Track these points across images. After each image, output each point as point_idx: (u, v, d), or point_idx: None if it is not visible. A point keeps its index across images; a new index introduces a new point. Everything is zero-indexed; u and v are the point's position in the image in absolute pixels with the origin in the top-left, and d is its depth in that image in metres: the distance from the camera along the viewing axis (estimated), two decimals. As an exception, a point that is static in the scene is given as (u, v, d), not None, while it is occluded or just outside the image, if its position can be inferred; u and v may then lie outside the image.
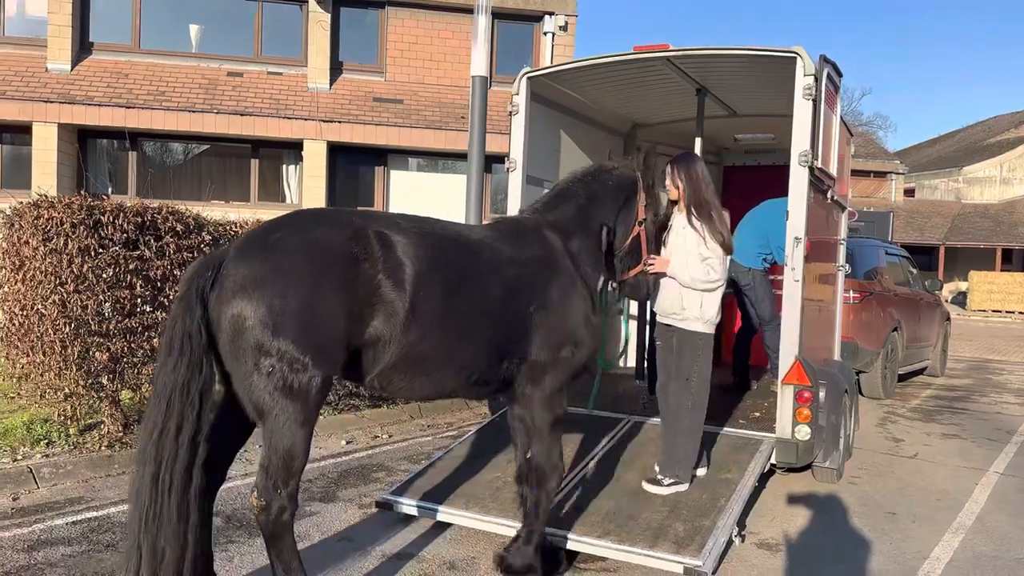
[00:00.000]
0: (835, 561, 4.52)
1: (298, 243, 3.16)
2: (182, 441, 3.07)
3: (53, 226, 5.45)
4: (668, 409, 4.79)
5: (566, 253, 3.92)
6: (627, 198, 4.21)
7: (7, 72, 12.75)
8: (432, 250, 3.41)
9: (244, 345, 3.04)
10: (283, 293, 3.04)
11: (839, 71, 5.67)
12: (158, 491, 3.05)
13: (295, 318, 3.03)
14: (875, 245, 10.74)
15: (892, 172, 36.03)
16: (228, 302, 3.05)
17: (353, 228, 3.26)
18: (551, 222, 4.00)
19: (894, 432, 8.19)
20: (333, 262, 3.14)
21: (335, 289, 3.11)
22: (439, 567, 4.20)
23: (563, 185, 4.25)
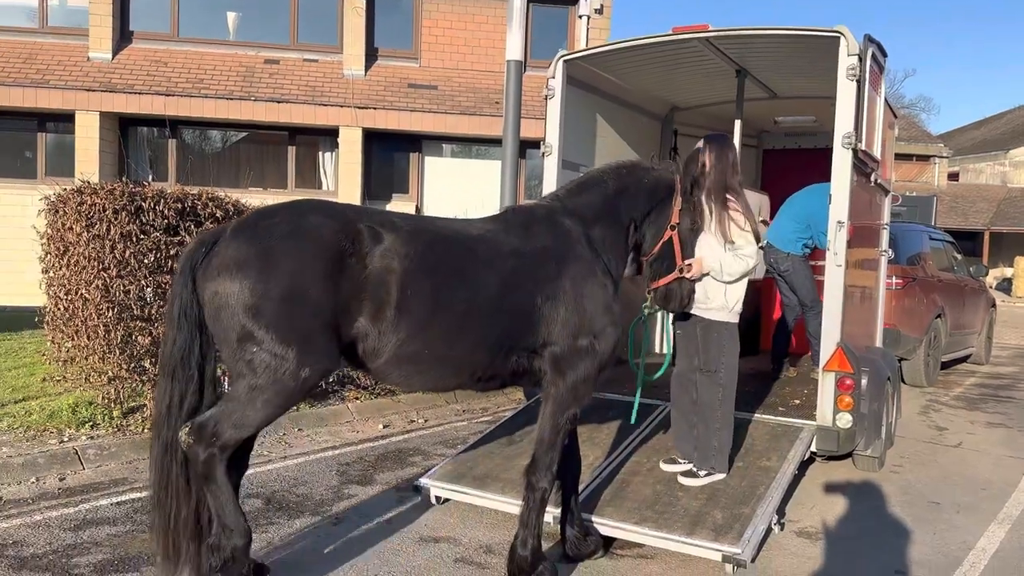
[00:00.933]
0: (876, 550, 4.44)
1: (287, 230, 3.20)
2: (186, 411, 3.27)
3: (96, 212, 5.54)
4: (695, 401, 4.71)
5: (585, 240, 3.77)
6: (661, 200, 4.03)
7: (50, 62, 12.98)
8: (422, 247, 3.37)
9: (226, 323, 3.14)
10: (266, 278, 3.10)
11: (884, 51, 5.52)
12: (168, 460, 3.28)
13: (278, 305, 3.09)
14: (919, 230, 10.50)
15: (935, 156, 35.20)
16: (212, 279, 3.17)
17: (344, 221, 3.28)
18: (571, 209, 3.86)
19: (937, 420, 8.02)
20: (319, 253, 3.16)
21: (319, 280, 3.14)
22: (475, 550, 4.21)
23: (593, 173, 4.14)
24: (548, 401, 3.70)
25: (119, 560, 3.90)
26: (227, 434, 3.18)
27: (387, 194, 14.33)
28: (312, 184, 14.33)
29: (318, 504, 4.81)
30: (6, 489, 4.86)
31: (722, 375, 4.60)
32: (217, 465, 3.20)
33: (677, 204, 4.01)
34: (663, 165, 4.29)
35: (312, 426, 6.65)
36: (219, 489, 3.23)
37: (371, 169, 14.25)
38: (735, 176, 4.48)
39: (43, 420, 5.86)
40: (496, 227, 3.72)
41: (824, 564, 4.22)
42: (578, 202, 3.90)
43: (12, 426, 5.75)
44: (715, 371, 4.61)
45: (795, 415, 5.44)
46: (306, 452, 5.99)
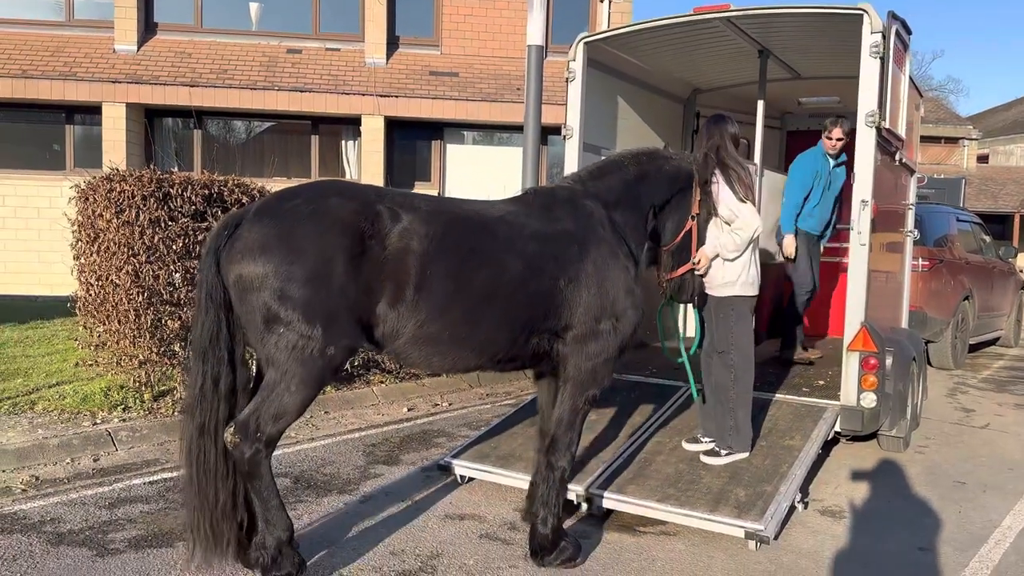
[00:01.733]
0: (900, 528, 4.44)
1: (308, 212, 3.23)
2: (221, 393, 3.31)
3: (125, 199, 5.65)
4: (713, 382, 4.74)
5: (608, 223, 3.78)
6: (681, 189, 4.05)
7: (77, 54, 13.16)
8: (441, 228, 3.38)
9: (251, 305, 3.18)
10: (289, 260, 3.14)
11: (908, 28, 5.46)
12: (204, 441, 3.31)
13: (302, 285, 3.13)
14: (946, 211, 10.40)
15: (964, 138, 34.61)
16: (235, 263, 3.20)
17: (364, 202, 3.31)
18: (593, 192, 3.87)
19: (964, 402, 7.96)
20: (339, 235, 3.19)
21: (341, 261, 3.17)
22: (499, 527, 4.27)
23: (613, 158, 4.15)
24: (568, 382, 3.72)
25: (152, 536, 4.00)
26: (269, 428, 3.23)
27: (409, 182, 14.39)
28: (335, 173, 14.41)
29: (345, 483, 4.89)
30: (43, 469, 4.99)
31: (732, 356, 4.60)
32: (263, 462, 3.26)
33: (697, 194, 4.03)
34: (681, 155, 4.30)
35: (338, 409, 6.75)
36: (264, 486, 3.30)
37: (393, 157, 14.30)
38: (730, 148, 4.40)
39: (77, 403, 6.00)
40: (517, 209, 3.72)
41: (847, 542, 4.22)
42: (600, 186, 3.91)
43: (47, 409, 5.89)
44: (726, 352, 4.62)
45: (819, 395, 5.43)
46: (333, 434, 6.08)
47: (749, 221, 4.33)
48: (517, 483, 4.57)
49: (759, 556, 3.95)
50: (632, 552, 3.98)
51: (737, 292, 4.54)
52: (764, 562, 3.90)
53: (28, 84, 12.51)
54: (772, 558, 3.94)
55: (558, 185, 4.03)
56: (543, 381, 4.03)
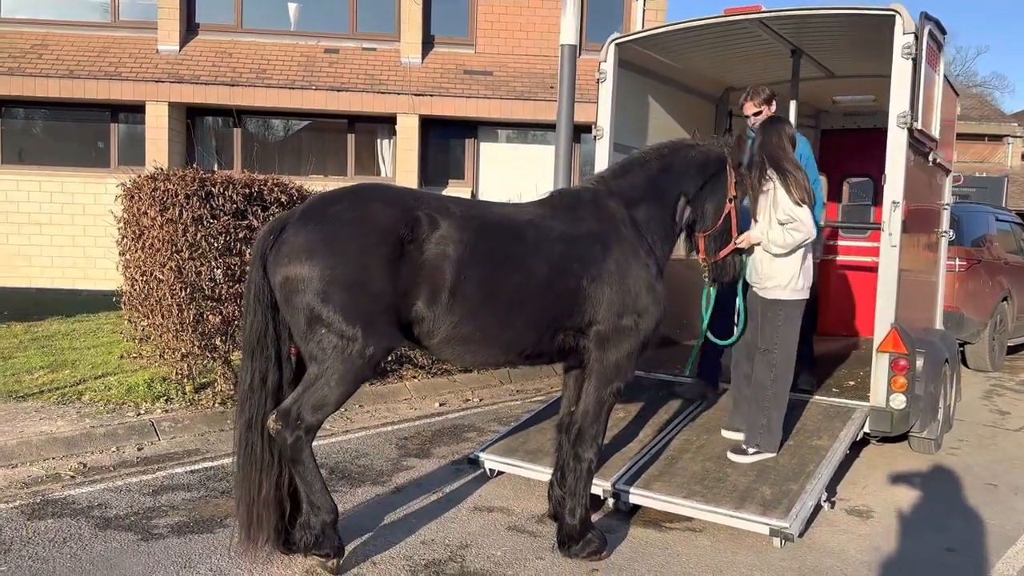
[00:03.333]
0: (928, 529, 4.45)
1: (351, 218, 3.39)
2: (268, 389, 3.50)
3: (169, 197, 5.83)
4: (752, 379, 4.78)
5: (630, 222, 3.88)
6: (714, 174, 4.10)
7: (122, 55, 13.51)
8: (475, 235, 3.52)
9: (296, 306, 3.35)
10: (332, 264, 3.30)
11: (942, 28, 5.44)
12: (252, 435, 3.50)
13: (344, 289, 3.29)
14: (984, 211, 10.25)
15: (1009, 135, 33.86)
16: (282, 266, 3.37)
17: (404, 209, 3.45)
18: (616, 191, 3.96)
19: (1000, 405, 7.87)
20: (380, 241, 3.35)
21: (381, 266, 3.33)
22: (527, 520, 4.36)
23: (637, 155, 4.22)
24: (592, 377, 3.84)
25: (195, 522, 4.16)
26: (310, 417, 3.40)
27: (443, 180, 14.53)
28: (371, 171, 14.61)
29: (378, 474, 5.02)
30: (90, 457, 5.20)
31: (775, 355, 4.64)
32: (304, 447, 3.43)
33: (733, 176, 4.09)
34: (710, 141, 4.35)
35: (372, 403, 6.89)
36: (307, 470, 3.47)
37: (427, 155, 14.46)
38: (783, 148, 4.50)
39: (121, 394, 6.22)
40: (544, 212, 3.85)
41: (873, 541, 4.25)
42: (622, 184, 4.00)
43: (94, 400, 6.12)
44: (769, 350, 4.65)
45: (849, 396, 5.44)
46: (366, 427, 6.22)
47: (806, 224, 4.41)
48: (545, 477, 4.63)
49: (783, 553, 3.99)
50: (657, 547, 4.06)
51: (787, 296, 4.59)
52: (788, 559, 3.95)
53: (75, 84, 12.87)
54: (796, 555, 3.99)
55: (582, 187, 4.14)
56: (570, 375, 4.15)
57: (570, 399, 4.13)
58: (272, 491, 3.56)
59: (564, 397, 4.23)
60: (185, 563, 3.67)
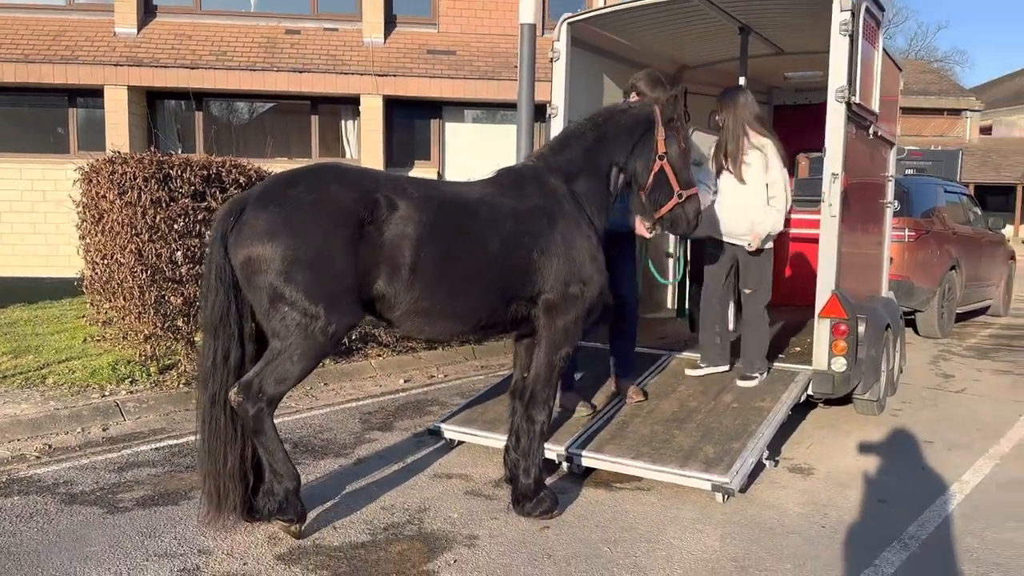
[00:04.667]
0: (863, 483, 4.70)
1: (311, 200, 3.52)
2: (231, 365, 3.63)
3: (127, 180, 5.89)
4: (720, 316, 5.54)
5: (570, 196, 4.04)
6: (643, 134, 4.20)
7: (78, 38, 13.35)
8: (432, 215, 3.69)
9: (258, 286, 3.48)
10: (294, 245, 3.43)
11: (880, 5, 5.63)
12: (216, 410, 3.64)
13: (306, 269, 3.43)
14: (934, 184, 10.55)
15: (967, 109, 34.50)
16: (244, 246, 3.49)
17: (363, 191, 3.59)
18: (555, 166, 4.11)
19: (945, 369, 8.19)
20: (341, 222, 3.49)
21: (342, 246, 3.48)
22: (484, 485, 4.54)
23: (572, 128, 4.35)
24: (543, 342, 4.04)
25: (159, 495, 4.28)
26: (272, 389, 3.54)
27: (409, 161, 14.58)
28: (336, 152, 14.61)
29: (341, 447, 5.17)
30: (55, 438, 5.27)
31: (763, 293, 5.44)
32: (266, 419, 3.58)
33: (660, 134, 4.17)
34: (641, 102, 4.48)
35: (336, 381, 7.02)
36: (269, 440, 3.62)
37: (393, 136, 14.48)
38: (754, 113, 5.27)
39: (86, 377, 6.28)
40: (493, 189, 4.04)
41: (812, 496, 4.48)
42: (560, 159, 4.16)
43: (58, 383, 6.17)
44: (756, 291, 5.42)
45: (793, 361, 5.67)
46: (331, 404, 6.35)
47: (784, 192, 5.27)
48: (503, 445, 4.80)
49: (725, 508, 4.21)
50: (607, 505, 4.25)
51: (768, 244, 5.40)
52: (730, 513, 4.16)
53: (31, 68, 12.72)
54: (738, 510, 4.21)
55: (524, 164, 4.31)
56: (521, 343, 4.33)
57: (522, 366, 4.32)
58: (237, 463, 3.70)
59: (516, 365, 4.40)
60: (150, 533, 3.79)
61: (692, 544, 3.80)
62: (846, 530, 4.02)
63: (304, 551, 3.64)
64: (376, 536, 3.82)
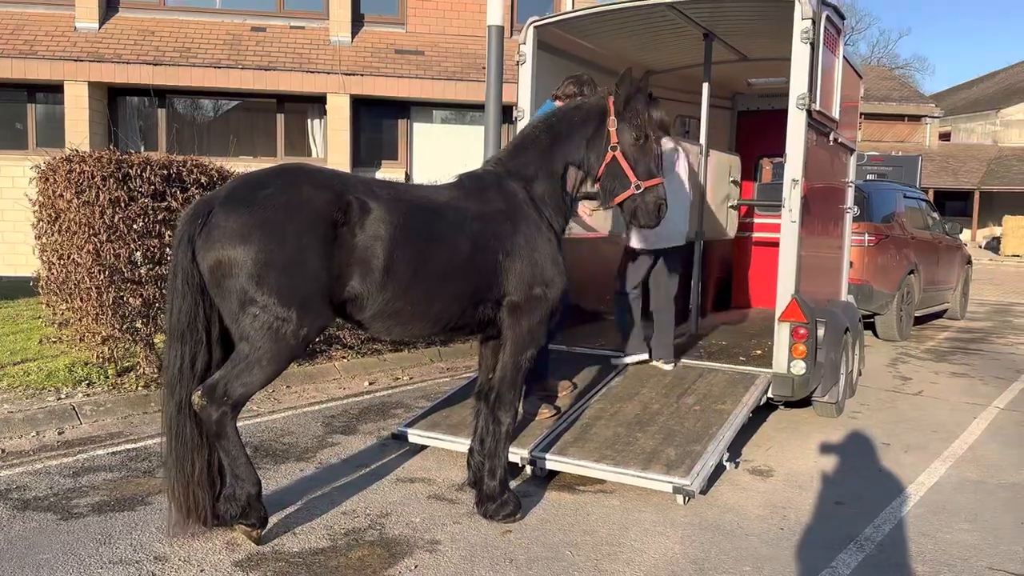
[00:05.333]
0: (821, 485, 4.77)
1: (283, 202, 3.47)
2: (197, 371, 3.57)
3: (85, 179, 5.76)
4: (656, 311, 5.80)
5: (529, 200, 4.08)
6: (597, 127, 4.17)
7: (37, 32, 13.07)
8: (403, 217, 3.69)
9: (229, 289, 3.43)
10: (267, 248, 3.39)
11: (840, 14, 5.73)
12: (182, 416, 3.58)
13: (279, 272, 3.40)
14: (893, 189, 10.75)
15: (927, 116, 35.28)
16: (214, 250, 3.42)
17: (335, 192, 3.57)
18: (513, 171, 4.13)
19: (903, 371, 8.34)
20: (315, 224, 3.46)
21: (315, 249, 3.45)
22: (447, 488, 4.53)
23: (527, 131, 4.33)
24: (508, 344, 4.06)
25: (115, 501, 4.20)
26: (237, 393, 3.49)
27: (376, 161, 14.51)
28: (302, 151, 14.49)
29: (303, 451, 5.12)
30: (8, 442, 5.16)
31: (673, 288, 5.81)
32: (228, 423, 3.52)
33: (612, 125, 4.14)
34: (595, 95, 4.42)
35: (300, 383, 6.95)
36: (231, 444, 3.57)
37: (360, 136, 14.40)
38: None
39: (41, 379, 6.15)
40: (458, 193, 4.05)
41: (770, 498, 4.54)
42: (517, 164, 4.18)
43: (12, 385, 6.04)
44: (669, 285, 5.77)
45: (754, 364, 5.74)
46: (294, 407, 6.29)
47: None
48: (466, 449, 4.81)
49: (686, 511, 4.25)
50: (569, 508, 4.27)
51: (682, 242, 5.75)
52: (690, 515, 4.20)
53: (-12, 63, 12.42)
54: (698, 512, 4.25)
55: (484, 170, 4.29)
56: (487, 345, 4.35)
57: (487, 368, 4.35)
58: (205, 470, 3.67)
59: (481, 367, 4.41)
60: (105, 539, 3.72)
61: (653, 547, 3.82)
62: (804, 532, 4.08)
63: (263, 557, 3.60)
64: (336, 542, 3.79)
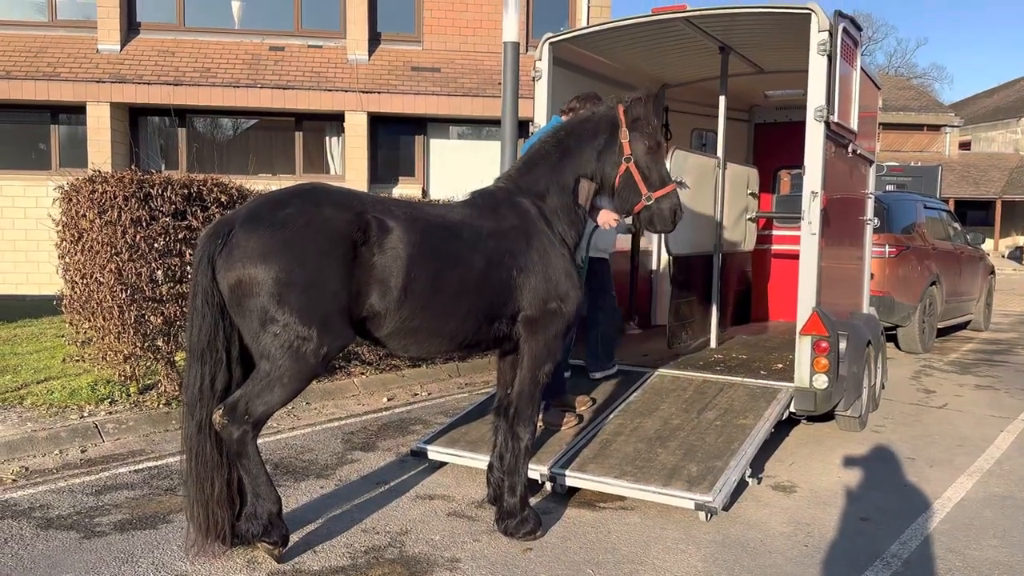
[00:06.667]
0: (845, 501, 4.70)
1: (304, 222, 3.49)
2: (217, 390, 3.58)
3: (107, 199, 5.83)
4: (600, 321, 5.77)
5: (541, 216, 4.10)
6: (607, 139, 4.18)
7: (60, 55, 13.30)
8: (420, 235, 3.71)
9: (249, 308, 3.44)
10: (288, 267, 3.40)
11: (857, 26, 5.70)
12: (202, 435, 3.58)
13: (300, 292, 3.41)
14: (913, 199, 10.66)
15: (946, 125, 35.01)
16: (235, 269, 3.44)
17: (355, 212, 3.59)
18: (524, 187, 4.15)
19: (927, 384, 8.24)
20: (336, 244, 3.49)
21: (336, 268, 3.47)
22: (467, 506, 4.51)
23: (536, 147, 4.32)
24: (525, 359, 4.07)
25: (138, 519, 4.22)
26: (259, 411, 3.51)
27: (393, 177, 14.59)
28: (320, 169, 14.60)
29: (323, 468, 5.12)
30: (32, 460, 5.20)
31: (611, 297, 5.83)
32: (250, 442, 3.54)
33: (624, 136, 4.15)
34: (604, 106, 4.40)
35: (319, 400, 6.97)
36: (252, 463, 3.59)
37: (377, 153, 14.50)
38: None
39: (64, 398, 6.21)
40: (472, 212, 4.07)
41: (794, 514, 4.48)
42: (528, 180, 4.19)
43: (36, 404, 6.09)
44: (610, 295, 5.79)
45: (776, 378, 5.68)
46: (313, 424, 6.31)
47: None
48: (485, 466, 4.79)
49: (708, 527, 4.20)
50: (590, 525, 4.23)
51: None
52: (713, 532, 4.15)
53: (12, 85, 12.65)
54: (721, 529, 4.20)
55: (495, 187, 4.29)
56: (505, 360, 4.35)
57: (506, 383, 4.35)
58: (224, 489, 3.67)
59: (499, 383, 4.41)
60: (127, 558, 3.74)
61: (675, 565, 3.78)
62: (829, 549, 4.02)
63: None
64: (356, 560, 3.78)
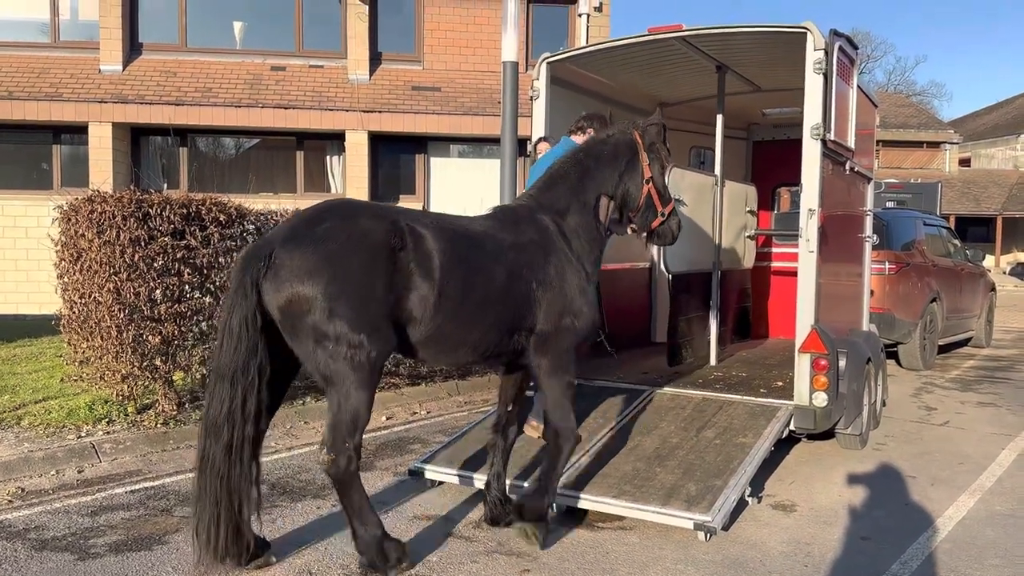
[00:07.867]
0: (847, 520, 4.67)
1: (346, 235, 3.55)
2: (248, 414, 3.58)
3: (106, 219, 5.84)
4: None
5: (560, 233, 4.19)
6: (628, 161, 4.35)
7: (63, 75, 13.38)
8: (450, 243, 3.79)
9: (303, 327, 3.48)
10: (336, 280, 3.45)
11: (853, 44, 5.73)
12: (231, 459, 3.57)
13: (349, 302, 3.46)
14: (913, 216, 10.66)
15: (946, 142, 35.12)
16: (284, 289, 3.47)
17: (390, 221, 3.66)
18: (545, 205, 4.25)
19: (928, 401, 8.20)
20: (377, 252, 3.55)
21: (379, 275, 3.53)
22: (465, 526, 4.48)
23: (556, 167, 4.42)
24: (542, 373, 4.11)
25: (133, 540, 4.19)
26: (355, 436, 3.55)
27: (394, 196, 14.63)
28: (321, 187, 14.65)
29: (320, 489, 5.09)
30: (28, 481, 5.18)
31: None
32: (356, 470, 3.58)
33: (644, 159, 4.35)
34: (620, 129, 4.53)
35: (317, 419, 6.93)
36: (355, 491, 3.64)
37: (378, 171, 14.55)
38: None
39: (62, 417, 6.19)
40: (494, 224, 4.15)
41: (794, 533, 4.44)
42: (549, 198, 4.29)
43: (33, 424, 6.08)
44: None
45: (776, 396, 5.65)
46: (311, 443, 6.27)
47: None
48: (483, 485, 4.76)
49: (708, 547, 4.17)
50: (588, 546, 4.20)
51: None
52: (712, 552, 4.12)
53: (14, 105, 12.73)
54: (720, 549, 4.17)
55: (517, 203, 4.43)
56: (508, 377, 4.42)
57: (506, 401, 4.40)
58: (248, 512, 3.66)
59: (500, 401, 4.42)
60: (121, 580, 3.71)
61: (674, 585, 3.75)
62: (829, 569, 3.99)
63: (279, 597, 3.56)
64: (353, 581, 3.75)
